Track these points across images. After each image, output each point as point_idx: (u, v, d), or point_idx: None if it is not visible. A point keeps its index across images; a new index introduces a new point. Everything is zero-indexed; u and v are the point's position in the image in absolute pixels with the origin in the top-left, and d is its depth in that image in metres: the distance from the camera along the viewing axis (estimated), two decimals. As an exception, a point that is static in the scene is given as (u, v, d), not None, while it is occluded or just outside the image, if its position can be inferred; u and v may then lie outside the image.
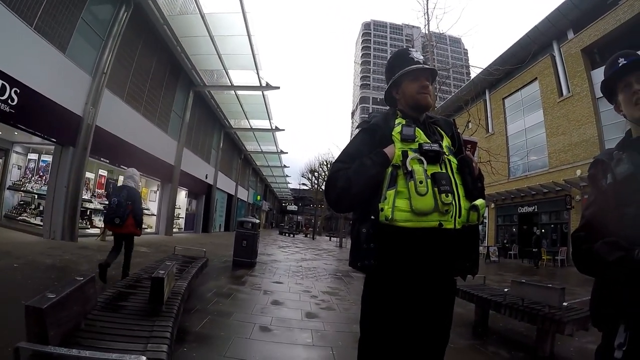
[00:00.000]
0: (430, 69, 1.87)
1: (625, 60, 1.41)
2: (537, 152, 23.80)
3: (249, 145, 32.03)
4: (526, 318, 4.11)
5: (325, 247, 23.90)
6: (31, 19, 8.27)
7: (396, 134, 1.70)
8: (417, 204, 1.49)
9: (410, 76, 1.83)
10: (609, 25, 18.65)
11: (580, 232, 1.40)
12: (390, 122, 1.78)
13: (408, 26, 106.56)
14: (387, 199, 1.54)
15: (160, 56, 15.16)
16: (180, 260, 5.95)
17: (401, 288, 1.55)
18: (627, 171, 1.29)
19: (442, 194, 1.52)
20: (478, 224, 1.66)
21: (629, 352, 1.17)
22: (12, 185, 11.64)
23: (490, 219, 27.94)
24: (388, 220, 1.51)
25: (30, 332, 1.65)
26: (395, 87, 1.92)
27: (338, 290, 7.50)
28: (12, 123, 8.13)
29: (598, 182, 1.41)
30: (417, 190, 1.50)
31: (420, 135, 1.70)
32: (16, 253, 6.76)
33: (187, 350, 3.28)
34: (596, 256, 1.26)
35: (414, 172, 1.54)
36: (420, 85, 1.80)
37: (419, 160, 1.58)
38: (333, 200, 1.71)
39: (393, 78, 1.89)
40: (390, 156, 1.63)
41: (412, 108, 1.84)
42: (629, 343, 1.18)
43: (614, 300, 1.26)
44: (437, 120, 1.92)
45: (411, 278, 1.54)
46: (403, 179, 1.57)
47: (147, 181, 17.50)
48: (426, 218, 1.51)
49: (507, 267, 17.36)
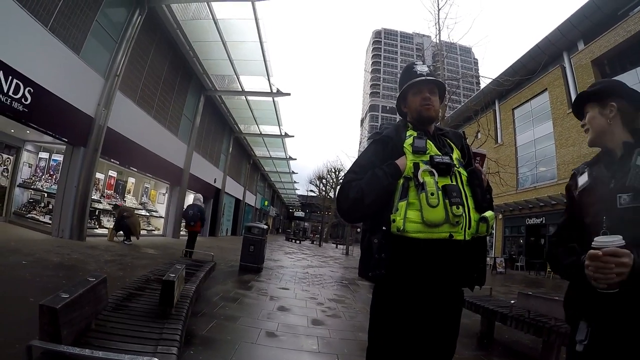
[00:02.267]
0: (434, 81, 1.88)
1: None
2: (546, 163, 23.65)
3: (258, 150, 32.15)
4: (532, 330, 4.07)
5: (332, 255, 23.84)
6: (46, 20, 8.41)
7: (408, 145, 1.73)
8: (429, 216, 1.52)
9: (413, 89, 1.87)
10: (619, 37, 18.59)
11: (552, 238, 1.60)
12: (402, 133, 1.81)
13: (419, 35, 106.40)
14: (399, 210, 1.56)
15: (173, 60, 15.30)
16: (189, 263, 5.96)
17: (410, 298, 1.56)
18: (585, 184, 1.47)
19: (453, 205, 1.54)
20: (486, 236, 1.68)
21: (589, 347, 1.31)
22: (23, 183, 11.77)
23: (497, 230, 27.72)
24: (400, 231, 1.53)
25: (44, 331, 1.66)
26: (403, 101, 1.97)
27: (344, 297, 7.47)
28: (24, 122, 8.25)
29: (571, 193, 1.58)
30: (428, 202, 1.52)
31: (432, 148, 1.72)
32: (25, 250, 6.82)
33: (194, 354, 3.29)
34: (558, 261, 1.49)
35: (426, 184, 1.56)
36: (422, 98, 1.84)
37: (430, 172, 1.60)
38: (345, 211, 1.73)
39: (399, 93, 1.96)
40: (402, 168, 1.66)
41: (417, 121, 1.87)
42: (590, 338, 1.31)
43: (574, 299, 1.43)
44: (446, 133, 1.95)
45: (420, 288, 1.56)
46: (414, 190, 1.59)
47: (156, 183, 17.63)
48: (437, 229, 1.53)
49: (513, 279, 17.22)
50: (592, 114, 1.53)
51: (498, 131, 27.98)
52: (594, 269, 1.19)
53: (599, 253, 1.17)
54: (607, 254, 1.16)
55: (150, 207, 17.05)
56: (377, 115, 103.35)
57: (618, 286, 1.17)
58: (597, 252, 1.18)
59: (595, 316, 1.31)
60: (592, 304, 1.31)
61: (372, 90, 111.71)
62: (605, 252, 1.16)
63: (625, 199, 1.27)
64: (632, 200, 1.25)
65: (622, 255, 1.14)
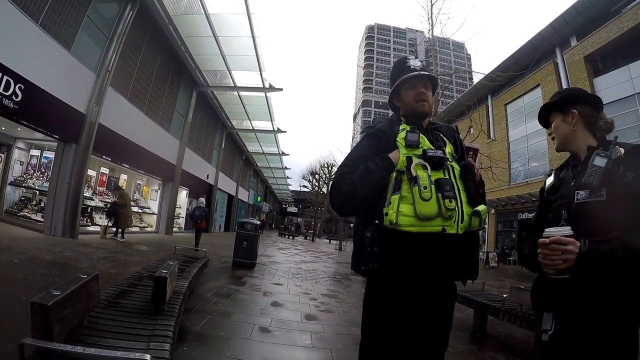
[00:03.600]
0: (428, 75, 1.88)
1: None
2: (538, 158, 23.79)
3: (250, 146, 32.04)
4: (524, 324, 4.12)
5: (325, 250, 23.87)
6: (37, 16, 8.30)
7: (400, 139, 1.73)
8: (421, 209, 1.52)
9: (407, 84, 1.87)
10: (612, 33, 18.66)
11: (524, 234, 1.76)
12: (395, 127, 1.81)
13: (411, 30, 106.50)
14: (391, 204, 1.56)
15: (165, 55, 15.20)
16: (181, 259, 5.95)
17: (403, 292, 1.57)
18: (550, 184, 1.63)
19: (445, 199, 1.54)
20: (479, 230, 1.70)
21: (554, 336, 1.39)
22: (14, 181, 11.66)
23: (490, 224, 27.89)
24: (392, 225, 1.53)
25: (35, 329, 1.66)
26: (395, 96, 1.97)
27: (337, 292, 7.50)
28: (15, 119, 8.16)
29: (542, 192, 1.72)
30: (421, 196, 1.52)
31: (424, 142, 1.72)
32: (17, 249, 6.77)
33: (187, 350, 3.29)
34: (521, 253, 1.66)
35: (418, 177, 1.56)
36: (417, 93, 1.84)
37: (423, 166, 1.60)
38: (338, 204, 1.73)
39: (392, 87, 1.95)
40: (395, 161, 1.66)
41: (411, 116, 1.87)
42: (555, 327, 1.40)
43: (539, 290, 1.53)
44: (439, 127, 1.95)
45: (413, 282, 1.57)
46: (407, 184, 1.59)
47: (149, 180, 17.54)
48: (429, 223, 1.53)
49: (506, 273, 17.37)
50: (556, 123, 1.66)
51: (490, 126, 28.06)
52: (543, 255, 1.33)
53: (546, 241, 1.31)
54: (552, 242, 1.30)
55: (142, 204, 16.96)
56: (370, 111, 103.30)
57: (566, 272, 1.29)
58: (544, 240, 1.32)
59: (558, 306, 1.41)
60: (554, 294, 1.41)
61: (364, 85, 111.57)
62: (551, 240, 1.30)
63: (581, 194, 1.41)
64: (587, 196, 1.39)
65: (567, 243, 1.27)
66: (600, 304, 1.29)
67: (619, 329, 1.28)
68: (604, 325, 1.28)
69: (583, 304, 1.32)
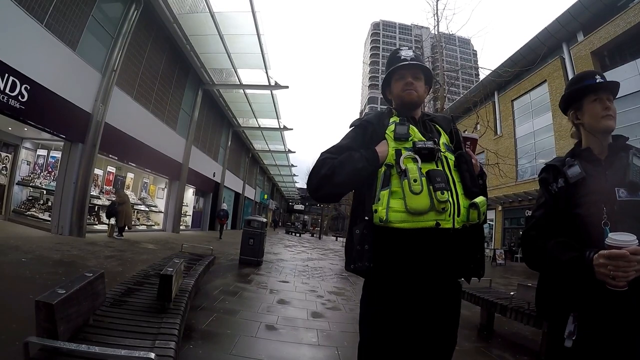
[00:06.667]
0: (419, 65, 1.81)
1: (601, 78, 1.57)
2: (546, 155, 23.58)
3: (257, 144, 32.09)
4: (532, 322, 4.07)
5: (332, 247, 23.89)
6: (42, 16, 8.35)
7: (390, 132, 1.66)
8: (412, 203, 1.44)
9: (396, 75, 1.82)
10: (619, 28, 18.46)
11: (531, 232, 1.59)
12: (385, 120, 1.75)
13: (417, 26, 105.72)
14: (380, 200, 1.49)
15: (170, 54, 15.25)
16: (188, 257, 5.96)
17: (399, 291, 1.51)
18: (579, 175, 1.49)
19: (437, 191, 1.46)
20: (480, 223, 1.59)
21: (578, 341, 1.32)
22: (21, 180, 11.73)
23: (497, 221, 27.76)
24: (382, 222, 1.46)
25: (40, 327, 1.66)
26: (387, 88, 1.92)
27: (344, 290, 7.49)
28: (22, 119, 8.21)
29: (548, 186, 1.60)
30: (411, 189, 1.45)
31: (415, 134, 1.64)
32: (24, 248, 6.82)
33: (194, 348, 3.30)
34: (549, 255, 1.44)
35: (408, 170, 1.49)
36: (404, 83, 1.78)
37: (413, 158, 1.53)
38: (314, 187, 1.65)
39: (383, 80, 1.91)
40: (382, 154, 1.59)
41: (401, 106, 1.82)
42: (578, 332, 1.33)
43: (563, 293, 1.43)
44: (434, 117, 1.87)
45: (409, 281, 1.50)
46: (397, 178, 1.52)
47: (155, 178, 17.61)
48: (422, 218, 1.45)
49: (513, 270, 17.25)
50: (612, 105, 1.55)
51: (497, 123, 27.92)
52: (614, 267, 1.18)
53: (626, 252, 1.16)
54: (633, 252, 1.16)
55: (149, 202, 17.04)
56: (376, 107, 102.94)
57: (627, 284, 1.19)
58: (623, 252, 1.17)
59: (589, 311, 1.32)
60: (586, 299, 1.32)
61: (370, 82, 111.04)
62: (632, 251, 1.16)
63: (624, 192, 1.36)
64: (628, 194, 1.35)
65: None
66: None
67: None
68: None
69: (625, 311, 1.26)
